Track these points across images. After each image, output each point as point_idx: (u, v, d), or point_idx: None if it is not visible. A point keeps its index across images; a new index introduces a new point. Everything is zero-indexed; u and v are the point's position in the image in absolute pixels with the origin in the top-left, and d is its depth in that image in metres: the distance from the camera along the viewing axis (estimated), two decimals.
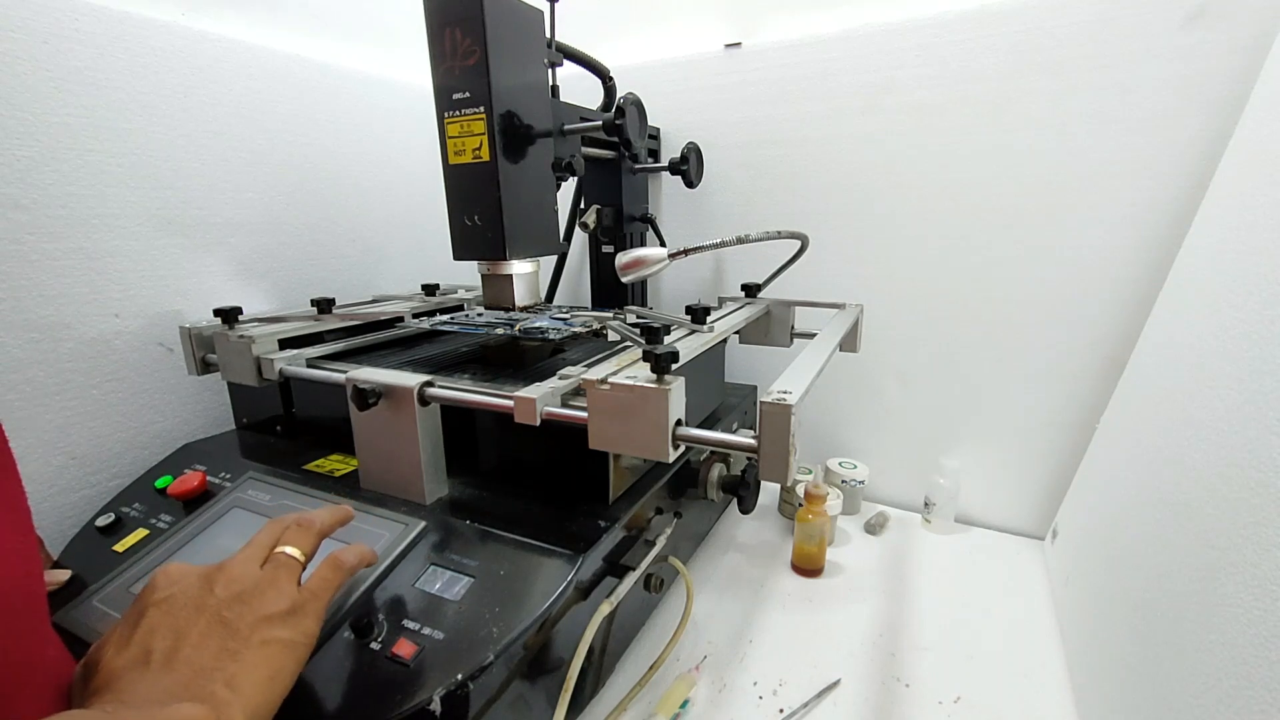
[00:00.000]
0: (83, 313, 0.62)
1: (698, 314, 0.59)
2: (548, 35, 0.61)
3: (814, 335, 0.58)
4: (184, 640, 0.30)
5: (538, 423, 0.44)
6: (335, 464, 0.60)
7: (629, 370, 0.44)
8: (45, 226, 0.59)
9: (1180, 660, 0.38)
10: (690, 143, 0.82)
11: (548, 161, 0.60)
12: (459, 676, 0.38)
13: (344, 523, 0.42)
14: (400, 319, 0.75)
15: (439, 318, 0.67)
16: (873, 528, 0.78)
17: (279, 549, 0.37)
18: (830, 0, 0.74)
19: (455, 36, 0.52)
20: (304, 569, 0.37)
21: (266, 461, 0.61)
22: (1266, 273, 0.43)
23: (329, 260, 0.87)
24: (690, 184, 0.83)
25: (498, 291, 0.62)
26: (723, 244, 0.60)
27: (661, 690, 0.52)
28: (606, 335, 0.74)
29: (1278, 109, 0.51)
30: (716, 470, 0.66)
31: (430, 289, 0.85)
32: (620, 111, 0.61)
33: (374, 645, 0.40)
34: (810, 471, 0.85)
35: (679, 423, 0.42)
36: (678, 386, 0.41)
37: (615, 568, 0.49)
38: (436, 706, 0.36)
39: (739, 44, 0.80)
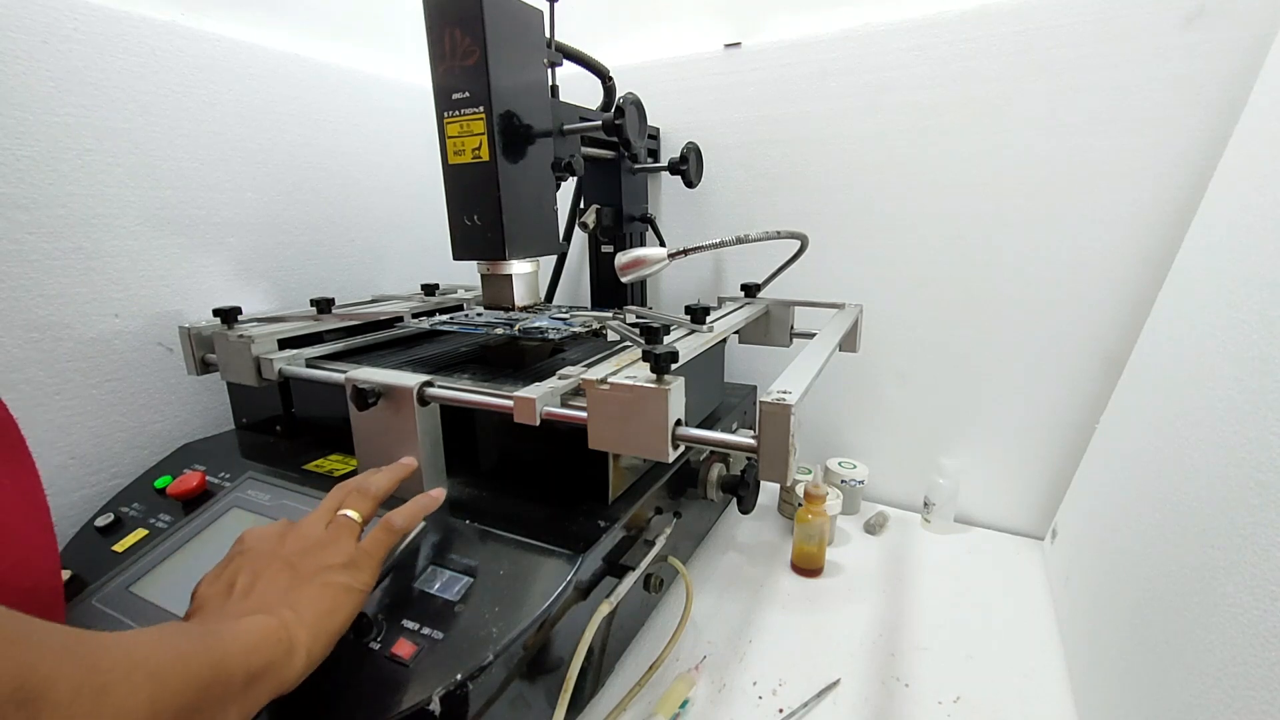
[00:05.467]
0: (82, 313, 0.62)
1: (697, 314, 0.59)
2: (548, 35, 0.61)
3: (814, 335, 0.58)
4: (259, 579, 0.37)
5: (537, 423, 0.44)
6: (335, 464, 0.60)
7: (629, 370, 0.44)
8: (45, 226, 0.59)
9: (1180, 660, 0.38)
10: (690, 143, 0.82)
11: (547, 161, 0.60)
12: (458, 676, 0.38)
13: (403, 479, 0.48)
14: (400, 319, 0.75)
15: (438, 318, 0.67)
16: (872, 528, 0.78)
17: (341, 512, 0.42)
18: (830, 0, 0.74)
19: (455, 36, 0.52)
20: (362, 529, 0.42)
21: (266, 461, 0.61)
22: (1266, 273, 0.43)
23: (329, 260, 0.87)
24: (690, 184, 0.83)
25: (497, 291, 0.62)
26: (722, 244, 0.60)
27: (661, 690, 0.52)
28: (606, 335, 0.74)
29: (1277, 109, 0.51)
30: (716, 470, 0.66)
31: (430, 289, 0.85)
32: (620, 111, 0.61)
33: (373, 645, 0.40)
34: (810, 471, 0.85)
35: (679, 423, 0.42)
36: (677, 386, 0.41)
37: (615, 568, 0.49)
38: (436, 706, 0.36)
39: (739, 44, 0.80)
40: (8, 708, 0.21)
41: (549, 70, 0.62)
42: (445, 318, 0.67)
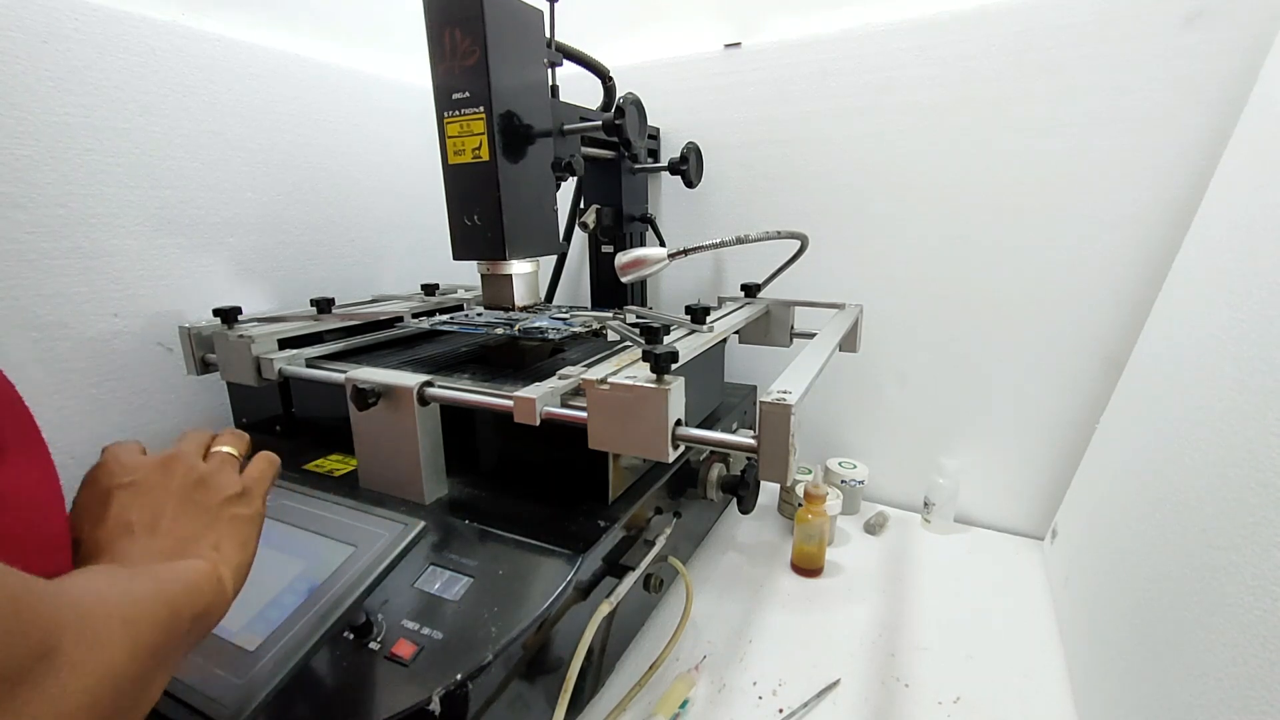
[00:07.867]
0: (81, 312, 0.62)
1: (697, 314, 0.59)
2: (548, 35, 0.61)
3: (814, 335, 0.58)
4: (161, 516, 0.35)
5: (537, 423, 0.44)
6: (335, 464, 0.60)
7: (629, 370, 0.44)
8: (44, 226, 0.59)
9: (1180, 660, 0.38)
10: (690, 143, 0.82)
11: (547, 161, 0.60)
12: (458, 676, 0.38)
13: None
14: (400, 319, 0.75)
15: (439, 318, 0.67)
16: (872, 528, 0.78)
17: (215, 448, 0.41)
18: (830, 0, 0.74)
19: (455, 36, 0.52)
20: (239, 465, 0.42)
21: None
22: (1266, 273, 0.43)
23: (329, 260, 0.87)
24: (690, 184, 0.83)
25: (497, 291, 0.62)
26: (722, 244, 0.60)
27: (661, 690, 0.52)
28: (606, 335, 0.74)
29: (1277, 109, 0.51)
30: (716, 470, 0.66)
31: (430, 289, 0.85)
32: (620, 111, 0.61)
33: (373, 645, 0.40)
34: (810, 471, 0.85)
35: (679, 423, 0.42)
36: (677, 386, 0.41)
37: (615, 568, 0.49)
38: (436, 706, 0.36)
39: (739, 44, 0.80)
40: (36, 663, 0.21)
41: (549, 70, 0.62)
42: (445, 318, 0.67)
